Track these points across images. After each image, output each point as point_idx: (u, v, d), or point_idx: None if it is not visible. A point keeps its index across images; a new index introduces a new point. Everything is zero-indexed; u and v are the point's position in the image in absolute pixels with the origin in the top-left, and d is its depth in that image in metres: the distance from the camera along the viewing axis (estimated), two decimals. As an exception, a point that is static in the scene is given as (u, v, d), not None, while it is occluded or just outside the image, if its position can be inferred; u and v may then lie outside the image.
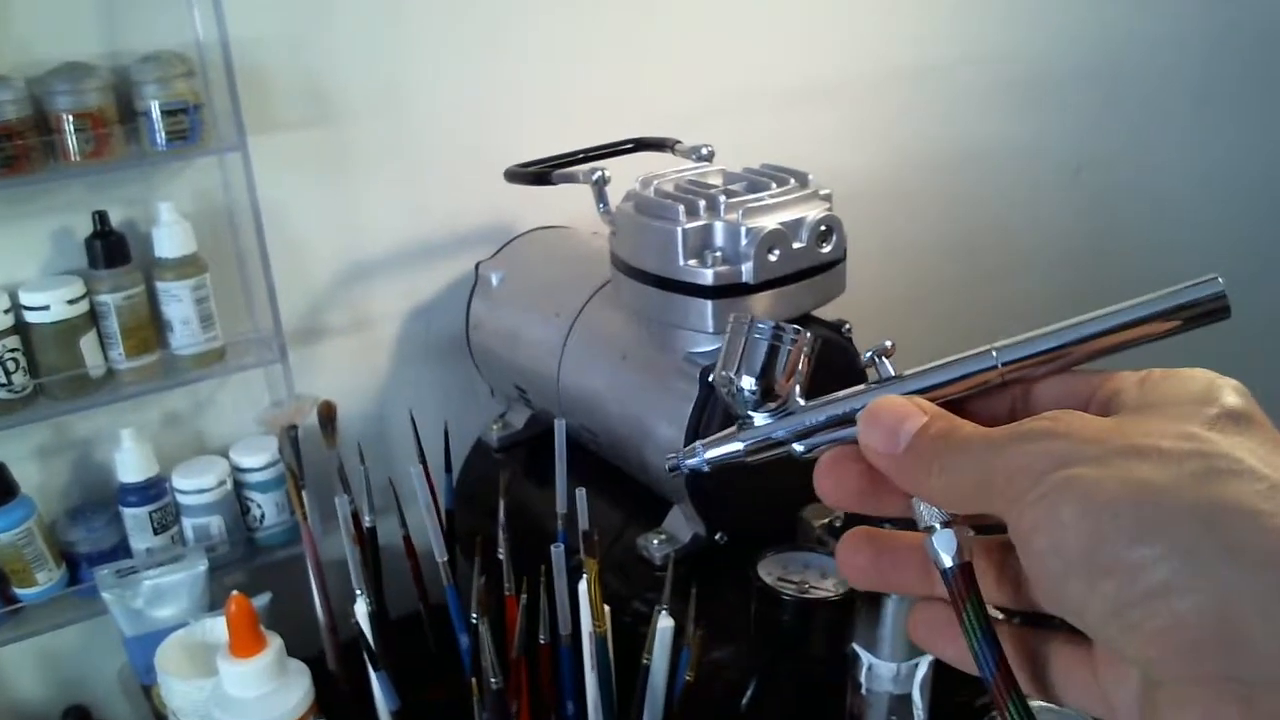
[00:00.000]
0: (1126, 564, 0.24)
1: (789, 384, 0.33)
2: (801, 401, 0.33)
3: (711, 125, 0.95)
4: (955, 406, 0.31)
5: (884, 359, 0.33)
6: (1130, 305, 0.31)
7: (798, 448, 0.33)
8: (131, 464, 0.87)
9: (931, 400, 0.31)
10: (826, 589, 0.66)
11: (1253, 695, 0.23)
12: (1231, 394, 0.28)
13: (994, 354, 0.31)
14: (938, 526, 0.30)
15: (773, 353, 0.33)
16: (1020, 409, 0.32)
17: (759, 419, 0.34)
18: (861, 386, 0.33)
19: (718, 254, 0.72)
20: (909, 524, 0.32)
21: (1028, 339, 0.31)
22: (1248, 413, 0.27)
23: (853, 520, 0.35)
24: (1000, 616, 0.31)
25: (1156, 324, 0.30)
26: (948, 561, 0.30)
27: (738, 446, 0.34)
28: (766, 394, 0.33)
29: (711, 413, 0.72)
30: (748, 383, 0.33)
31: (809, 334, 0.33)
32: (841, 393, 0.33)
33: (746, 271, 0.71)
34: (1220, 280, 0.30)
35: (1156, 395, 0.28)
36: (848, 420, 0.32)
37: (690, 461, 0.35)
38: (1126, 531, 0.24)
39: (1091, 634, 0.27)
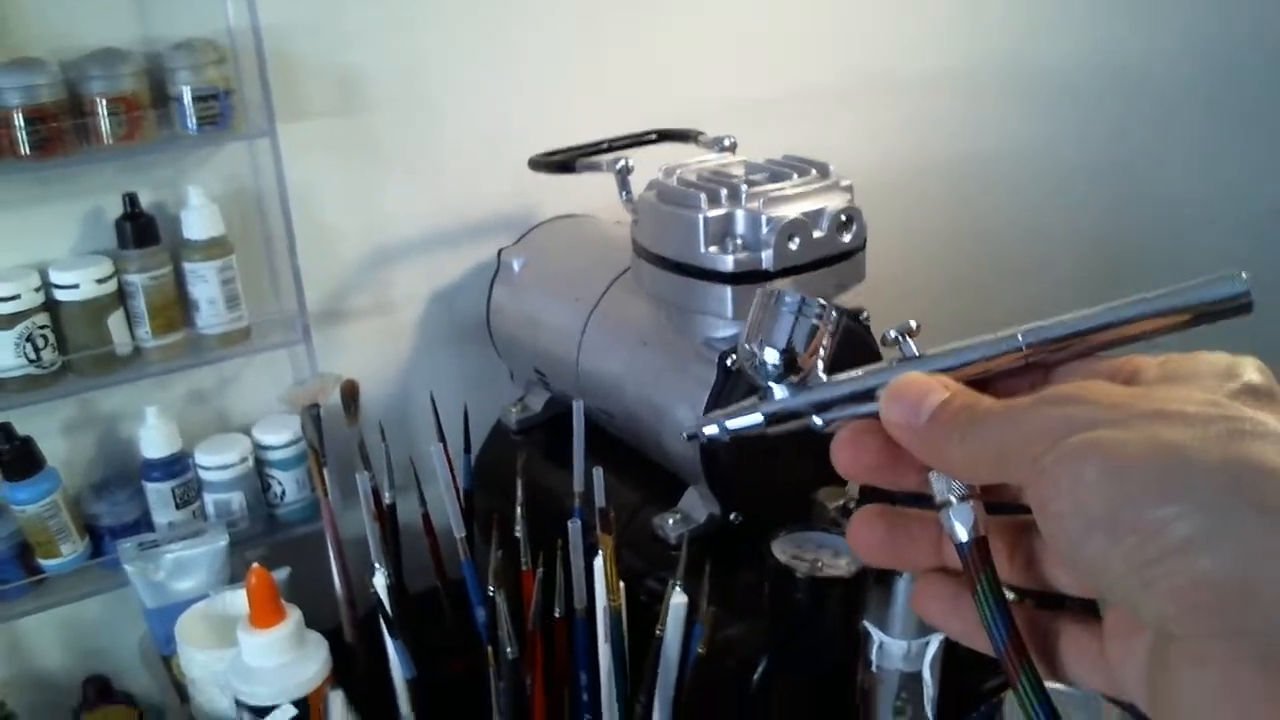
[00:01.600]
0: (1150, 521, 0.24)
1: (812, 359, 0.33)
2: (824, 377, 0.33)
3: (728, 122, 0.96)
4: (977, 387, 0.31)
5: (907, 338, 0.33)
6: (1154, 295, 0.31)
7: (817, 420, 0.33)
8: (155, 440, 0.89)
9: (954, 379, 0.31)
10: (839, 568, 0.67)
11: (1271, 651, 0.23)
12: (1254, 370, 0.28)
13: (1019, 336, 0.31)
14: (954, 500, 0.30)
15: (797, 326, 0.33)
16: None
17: (779, 391, 0.34)
18: (884, 363, 0.33)
19: (738, 241, 0.73)
20: (923, 500, 0.32)
21: (1051, 323, 0.32)
22: (1269, 388, 0.27)
23: (866, 501, 0.35)
24: (1012, 596, 0.31)
25: (1179, 315, 0.31)
26: (964, 535, 0.30)
27: (757, 418, 0.34)
28: (789, 367, 0.33)
29: (729, 397, 0.73)
30: (770, 355, 0.33)
31: (834, 309, 0.33)
32: (863, 368, 0.33)
33: (766, 259, 0.72)
34: (1244, 275, 0.30)
35: (1179, 371, 0.29)
36: (869, 396, 0.32)
37: (709, 430, 0.35)
38: (1151, 489, 0.24)
39: (1108, 594, 0.27)
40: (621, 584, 0.69)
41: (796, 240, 0.73)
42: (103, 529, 0.89)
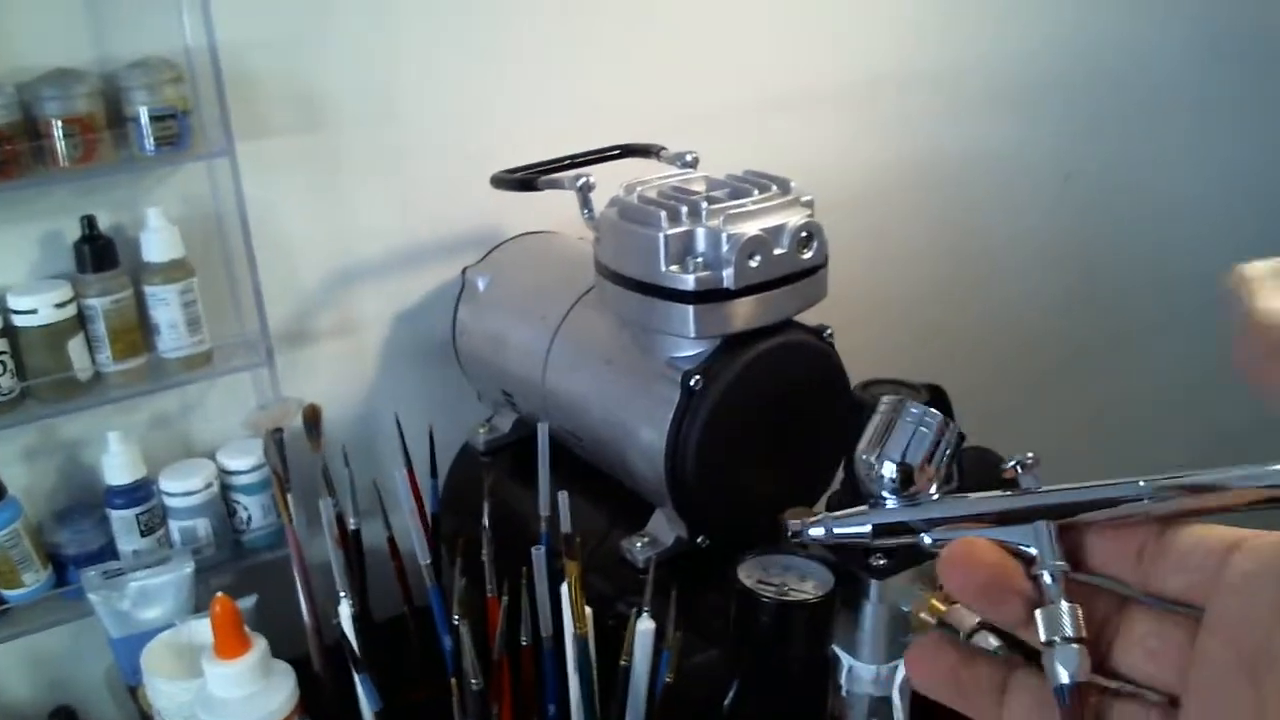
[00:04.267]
0: None
1: (929, 475, 0.33)
2: (934, 495, 0.34)
3: (700, 132, 0.95)
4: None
5: (1027, 472, 0.33)
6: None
7: (926, 539, 0.34)
8: (118, 466, 0.87)
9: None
10: (806, 591, 0.67)
11: None
12: None
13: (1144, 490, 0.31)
14: (1060, 641, 0.30)
15: (919, 440, 0.33)
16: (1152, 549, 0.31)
17: (891, 503, 0.34)
18: (1000, 493, 0.33)
19: (699, 260, 0.72)
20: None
21: (1183, 481, 0.31)
22: None
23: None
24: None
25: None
26: (1065, 678, 0.29)
27: (865, 528, 0.34)
28: (905, 481, 0.33)
29: (692, 418, 0.73)
30: (889, 468, 0.33)
31: (954, 425, 0.33)
32: (979, 494, 0.33)
33: (728, 277, 0.72)
34: None
35: None
36: (980, 518, 0.33)
37: (814, 533, 0.35)
38: None
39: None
40: (589, 611, 0.68)
41: (757, 258, 0.72)
42: (66, 557, 0.88)
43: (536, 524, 0.76)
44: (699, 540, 0.77)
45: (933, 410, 0.33)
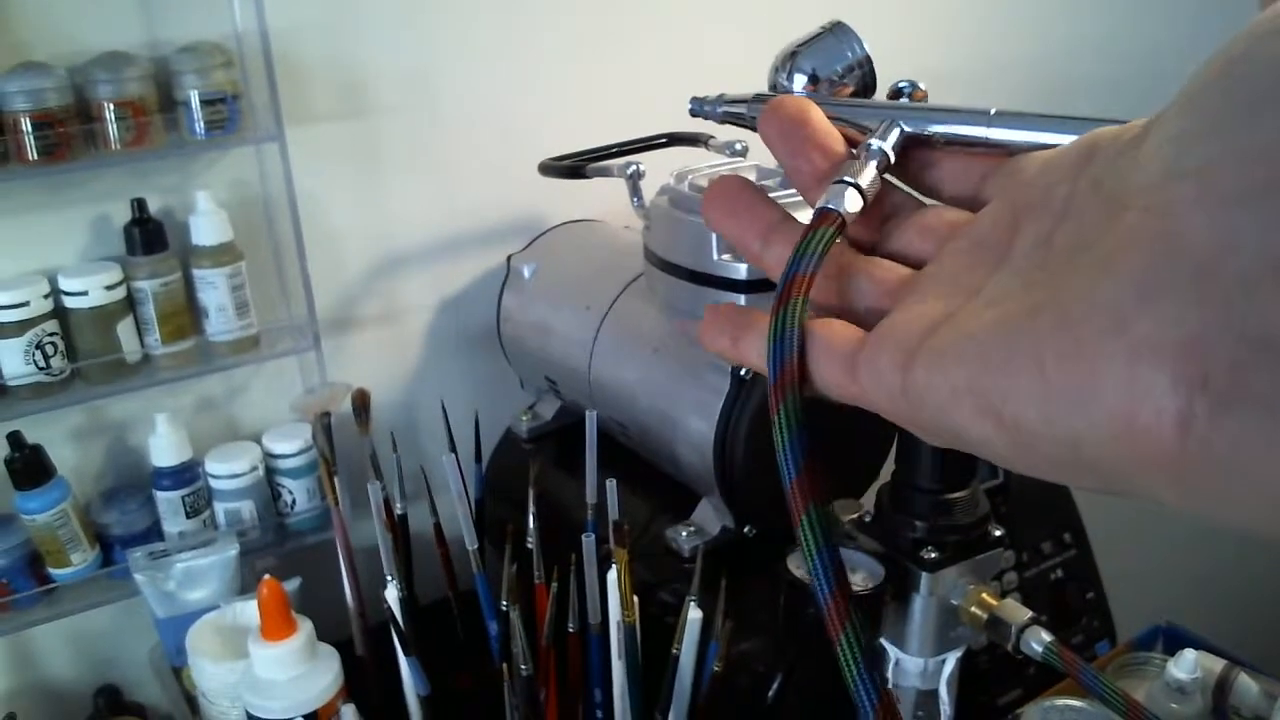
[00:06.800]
0: None
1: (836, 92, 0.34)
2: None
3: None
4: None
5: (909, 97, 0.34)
6: None
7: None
8: (165, 448, 0.88)
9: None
10: (855, 583, 0.66)
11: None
12: None
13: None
14: (848, 180, 0.29)
15: (834, 57, 0.34)
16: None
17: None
18: (885, 101, 0.34)
19: (751, 249, 0.72)
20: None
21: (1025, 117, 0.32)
22: None
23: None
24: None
25: None
26: (830, 204, 0.29)
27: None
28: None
29: (742, 408, 0.73)
30: (799, 81, 0.34)
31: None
32: (864, 101, 0.34)
33: (779, 267, 0.71)
34: None
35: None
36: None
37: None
38: None
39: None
40: (635, 599, 0.68)
41: (810, 249, 0.72)
42: (113, 538, 0.89)
43: (580, 512, 0.75)
44: (745, 530, 0.77)
45: (861, 43, 0.35)
